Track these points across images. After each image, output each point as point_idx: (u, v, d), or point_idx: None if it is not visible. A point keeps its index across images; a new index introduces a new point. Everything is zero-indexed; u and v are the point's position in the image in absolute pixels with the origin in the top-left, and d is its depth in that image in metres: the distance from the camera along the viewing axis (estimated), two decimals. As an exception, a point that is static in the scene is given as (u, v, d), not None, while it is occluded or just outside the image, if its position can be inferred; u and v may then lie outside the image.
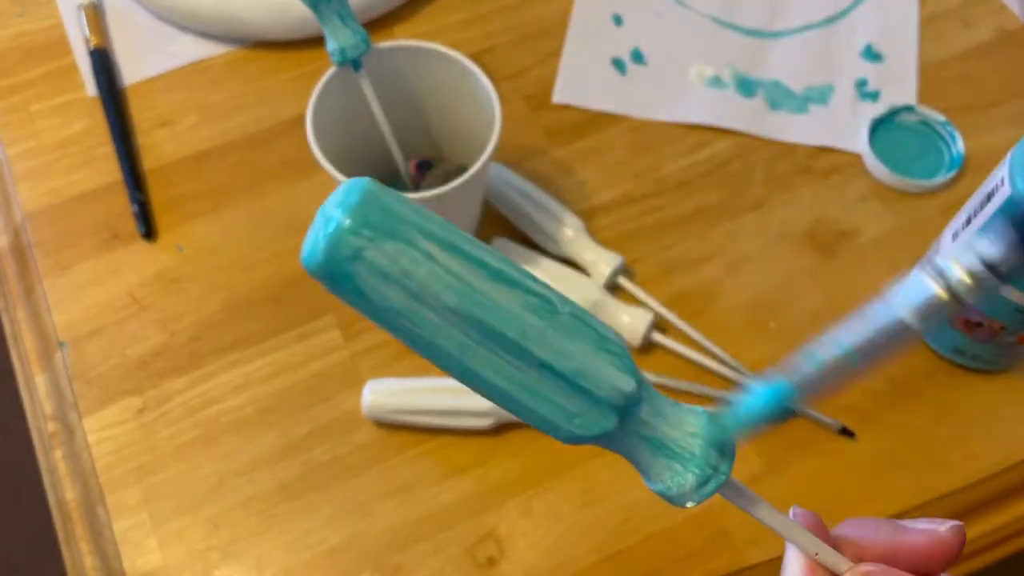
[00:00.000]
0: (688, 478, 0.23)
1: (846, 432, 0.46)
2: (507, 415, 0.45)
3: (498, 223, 0.52)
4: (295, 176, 0.54)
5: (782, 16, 0.61)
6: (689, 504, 0.23)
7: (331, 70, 0.45)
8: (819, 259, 0.51)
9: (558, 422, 0.22)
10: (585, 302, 0.47)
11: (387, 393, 0.45)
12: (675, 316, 0.48)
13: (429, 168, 0.51)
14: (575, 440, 0.22)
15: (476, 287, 0.20)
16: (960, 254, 0.22)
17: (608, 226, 0.52)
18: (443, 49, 0.46)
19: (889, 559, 0.25)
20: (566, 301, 0.22)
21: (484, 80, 0.45)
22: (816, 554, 0.25)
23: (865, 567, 0.25)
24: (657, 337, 0.48)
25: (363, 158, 0.47)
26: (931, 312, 0.22)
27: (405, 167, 0.49)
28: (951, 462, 0.46)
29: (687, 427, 0.23)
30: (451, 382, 0.46)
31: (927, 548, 0.25)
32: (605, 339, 0.22)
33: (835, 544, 0.25)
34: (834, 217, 0.53)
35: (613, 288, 0.50)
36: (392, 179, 0.49)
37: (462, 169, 0.46)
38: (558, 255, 0.50)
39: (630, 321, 0.47)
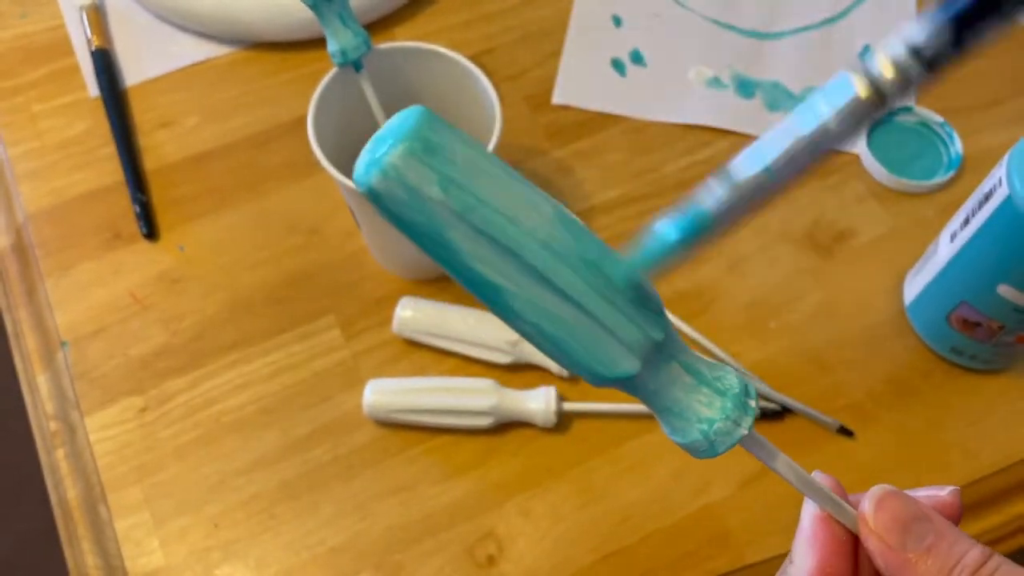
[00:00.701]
0: (711, 430, 0.23)
1: (845, 431, 0.46)
2: (507, 414, 0.45)
3: (498, 223, 0.52)
4: (296, 176, 0.54)
5: (781, 17, 0.61)
6: (712, 455, 0.24)
7: (332, 71, 0.45)
8: (818, 259, 0.52)
9: (586, 358, 0.22)
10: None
11: (388, 393, 0.46)
12: (675, 316, 0.49)
13: (429, 169, 0.51)
14: (602, 380, 0.23)
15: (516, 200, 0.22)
16: (886, 45, 0.20)
17: (608, 226, 0.52)
18: (443, 50, 0.46)
19: None
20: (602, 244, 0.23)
21: (484, 81, 0.45)
22: (842, 509, 0.25)
23: (879, 489, 0.25)
24: (656, 337, 0.48)
25: (364, 159, 0.47)
26: (853, 112, 0.19)
27: (405, 168, 0.49)
28: (949, 462, 0.46)
29: (712, 380, 0.24)
30: (452, 381, 0.46)
31: None
32: (642, 285, 0.23)
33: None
34: (832, 218, 0.53)
35: (613, 288, 0.50)
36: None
37: (462, 170, 0.46)
38: (558, 255, 0.50)
39: (629, 321, 0.47)
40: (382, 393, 0.46)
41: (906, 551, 0.24)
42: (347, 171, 0.43)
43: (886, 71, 0.19)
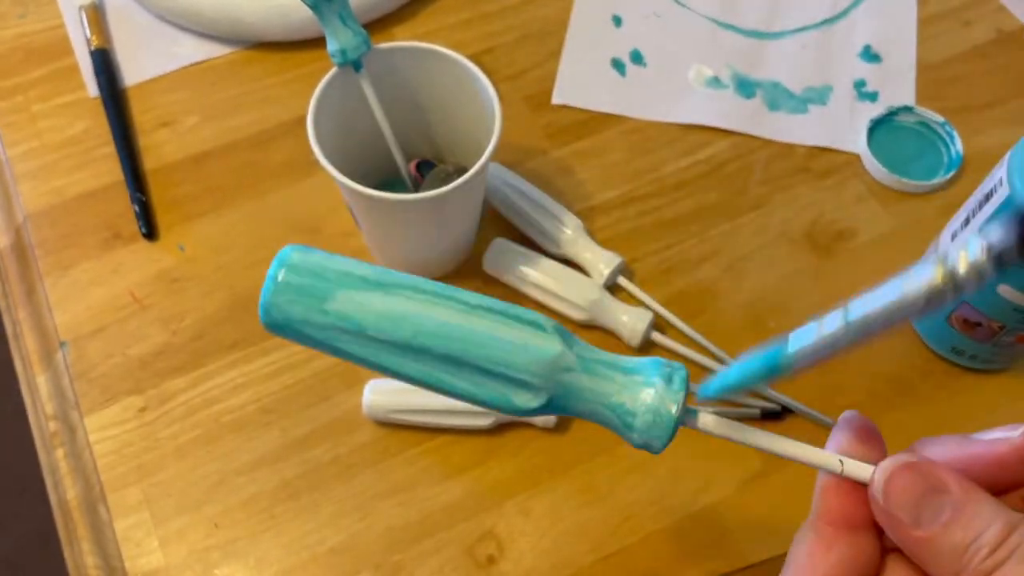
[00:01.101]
0: (645, 424, 0.24)
1: (844, 432, 0.46)
2: (507, 415, 0.45)
3: (498, 223, 0.52)
4: (296, 176, 0.54)
5: (781, 17, 0.61)
6: (666, 434, 0.25)
7: (332, 71, 0.45)
8: (817, 259, 0.52)
9: (497, 404, 0.25)
10: (584, 302, 0.47)
11: (387, 392, 0.46)
12: (674, 316, 0.49)
13: (429, 169, 0.51)
14: (522, 414, 0.25)
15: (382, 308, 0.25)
16: (965, 243, 0.22)
17: (607, 226, 0.52)
18: (443, 50, 0.46)
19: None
20: (479, 298, 0.25)
21: (484, 81, 0.45)
22: (841, 467, 0.24)
23: (894, 459, 0.23)
24: (656, 337, 0.48)
25: (363, 159, 0.47)
26: (931, 295, 0.22)
27: (405, 168, 0.49)
28: (949, 461, 0.46)
29: (631, 368, 0.25)
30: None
31: (1000, 458, 0.23)
32: (519, 319, 0.25)
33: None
34: (832, 217, 0.53)
35: (613, 288, 0.50)
36: (392, 180, 0.49)
37: (462, 170, 0.46)
38: (558, 255, 0.50)
39: (629, 321, 0.47)
40: (382, 393, 0.46)
41: (920, 529, 0.22)
42: (347, 171, 0.43)
43: (962, 266, 0.21)
